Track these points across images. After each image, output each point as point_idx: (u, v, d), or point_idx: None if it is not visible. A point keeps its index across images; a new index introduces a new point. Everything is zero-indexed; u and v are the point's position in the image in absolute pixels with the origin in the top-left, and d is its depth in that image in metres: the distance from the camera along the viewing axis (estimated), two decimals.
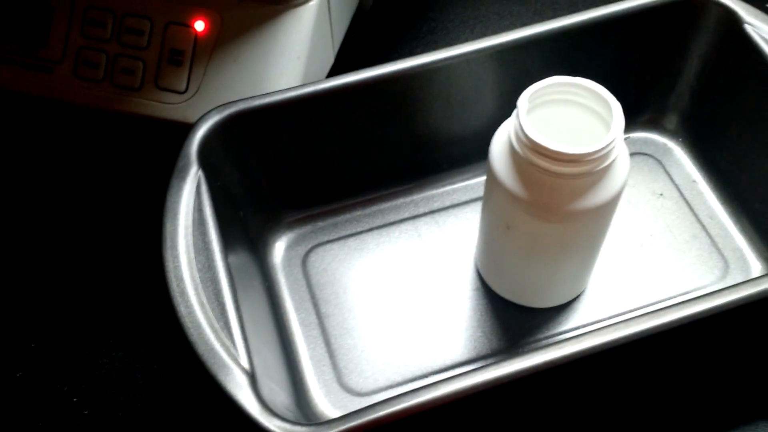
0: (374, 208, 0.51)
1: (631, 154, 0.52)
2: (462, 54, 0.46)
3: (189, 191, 0.40)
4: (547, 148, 0.36)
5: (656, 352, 0.44)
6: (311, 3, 0.49)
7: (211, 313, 0.36)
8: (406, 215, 0.51)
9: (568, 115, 0.39)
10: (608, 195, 0.38)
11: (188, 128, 0.48)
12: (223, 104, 0.44)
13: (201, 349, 0.35)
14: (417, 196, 0.51)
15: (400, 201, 0.51)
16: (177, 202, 0.39)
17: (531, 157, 0.37)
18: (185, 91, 0.49)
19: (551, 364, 0.35)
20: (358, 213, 0.51)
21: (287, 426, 0.33)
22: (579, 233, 0.41)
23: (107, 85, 0.50)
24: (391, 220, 0.50)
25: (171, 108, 0.50)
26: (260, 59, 0.49)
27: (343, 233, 0.50)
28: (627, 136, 0.53)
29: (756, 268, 0.48)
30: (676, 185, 0.52)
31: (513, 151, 0.38)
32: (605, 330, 0.36)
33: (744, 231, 0.49)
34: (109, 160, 0.55)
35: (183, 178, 0.40)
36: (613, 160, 0.37)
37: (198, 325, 0.36)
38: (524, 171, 0.38)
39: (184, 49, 0.49)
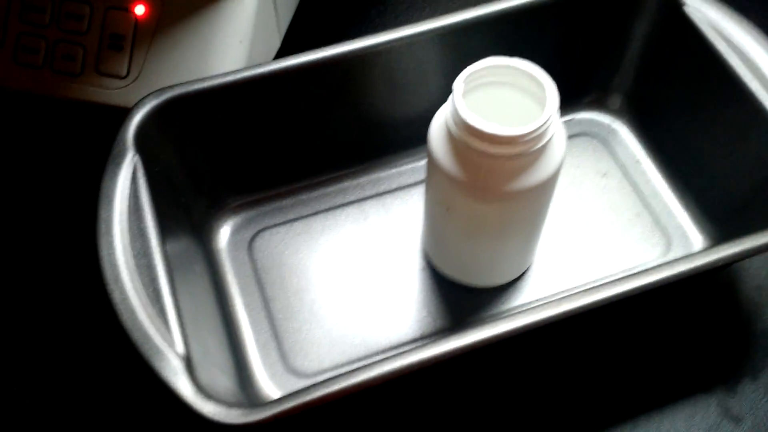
0: (320, 191, 0.51)
1: (576, 135, 0.53)
2: (404, 37, 0.46)
3: (124, 177, 0.39)
4: (482, 131, 0.36)
5: (595, 326, 0.45)
6: None
7: (146, 300, 0.36)
8: (353, 198, 0.50)
9: (504, 96, 0.39)
10: (545, 174, 0.38)
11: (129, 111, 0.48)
12: (160, 89, 0.43)
13: (135, 335, 0.35)
14: (363, 179, 0.51)
15: (346, 184, 0.51)
16: (112, 189, 0.39)
17: (467, 139, 0.37)
18: (126, 76, 0.49)
19: (488, 341, 0.35)
20: (304, 196, 0.50)
21: (222, 409, 0.33)
22: (518, 213, 0.41)
23: (48, 71, 0.50)
24: (338, 203, 0.50)
25: (112, 93, 0.49)
26: (202, 43, 0.48)
27: (290, 217, 0.50)
28: (571, 117, 0.54)
29: (698, 243, 0.48)
30: (620, 164, 0.52)
31: (450, 134, 0.38)
32: (541, 308, 0.36)
33: (687, 207, 0.49)
34: (52, 147, 0.54)
35: (118, 164, 0.40)
36: (549, 140, 0.37)
37: (132, 312, 0.35)
38: (461, 153, 0.38)
39: (124, 33, 0.49)
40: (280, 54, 0.54)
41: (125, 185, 0.39)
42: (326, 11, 0.60)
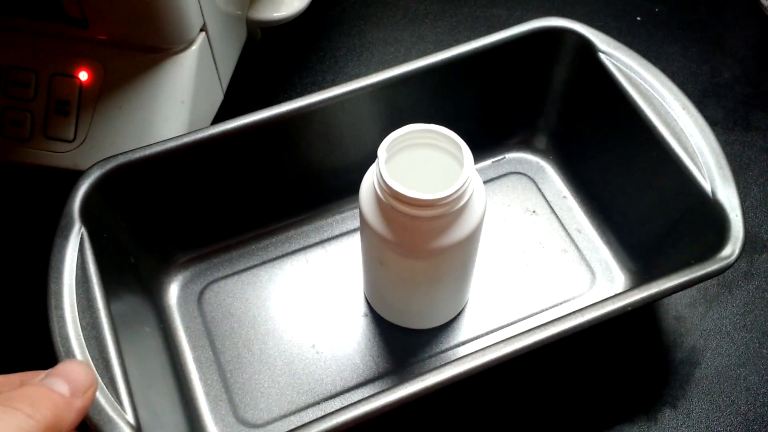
0: (266, 241, 0.53)
1: (507, 174, 0.56)
2: (336, 95, 0.48)
3: (72, 249, 0.42)
4: (404, 195, 0.38)
5: (518, 365, 0.47)
6: (192, 48, 0.51)
7: (96, 371, 0.38)
8: (297, 246, 0.53)
9: (427, 157, 0.42)
10: (468, 230, 0.41)
11: (79, 175, 0.50)
12: (103, 159, 0.45)
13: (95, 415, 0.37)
14: (307, 227, 0.54)
15: (291, 233, 0.53)
16: (60, 262, 0.41)
17: (392, 202, 0.39)
18: (74, 140, 0.51)
19: (426, 390, 0.38)
20: (251, 247, 0.53)
21: None
22: (446, 266, 0.44)
23: None
24: (283, 252, 0.53)
25: (61, 156, 0.51)
26: (144, 106, 0.50)
27: (237, 268, 0.52)
28: (502, 156, 0.57)
29: (619, 278, 0.51)
30: (547, 202, 0.55)
31: (377, 196, 0.41)
32: (469, 357, 0.39)
33: (609, 243, 0.53)
34: (3, 210, 0.56)
35: (66, 237, 0.42)
36: (469, 199, 0.40)
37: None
38: (388, 214, 0.41)
39: (69, 99, 0.51)
40: (224, 107, 0.56)
41: (73, 257, 0.41)
42: (267, 61, 0.63)
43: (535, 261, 0.52)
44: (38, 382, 0.32)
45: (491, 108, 0.54)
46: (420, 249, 0.41)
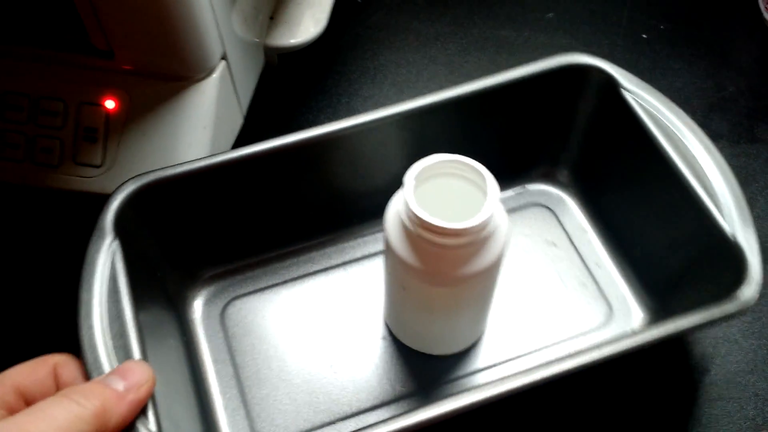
0: (290, 261, 0.55)
1: (528, 205, 0.57)
2: (362, 123, 0.50)
3: (104, 261, 0.43)
4: (432, 224, 0.39)
5: (541, 394, 0.47)
6: (213, 76, 0.53)
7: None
8: (319, 267, 0.54)
9: (453, 186, 0.43)
10: (491, 259, 0.42)
11: (107, 199, 0.52)
12: (136, 176, 0.47)
13: None
14: (330, 249, 0.55)
15: (314, 254, 0.55)
16: (92, 273, 0.43)
17: (419, 230, 0.40)
18: (101, 165, 0.53)
19: (443, 416, 0.39)
20: (274, 266, 0.54)
21: None
22: (468, 293, 0.45)
23: (28, 164, 0.54)
24: (305, 272, 0.54)
25: (89, 181, 0.53)
26: (168, 132, 0.52)
27: (260, 285, 0.54)
28: (524, 187, 0.58)
29: (637, 314, 0.52)
30: (567, 234, 0.56)
31: (403, 223, 0.42)
32: (490, 385, 0.40)
33: (627, 278, 0.53)
34: (36, 233, 0.58)
35: (98, 250, 0.44)
36: (493, 229, 0.41)
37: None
38: (414, 241, 0.42)
39: (97, 126, 0.53)
40: (244, 131, 0.59)
41: (105, 270, 0.43)
42: (284, 85, 0.65)
43: (553, 293, 0.53)
44: (97, 380, 0.37)
45: (515, 139, 0.56)
46: (443, 276, 0.42)
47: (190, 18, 0.48)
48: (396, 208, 0.43)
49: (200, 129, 0.53)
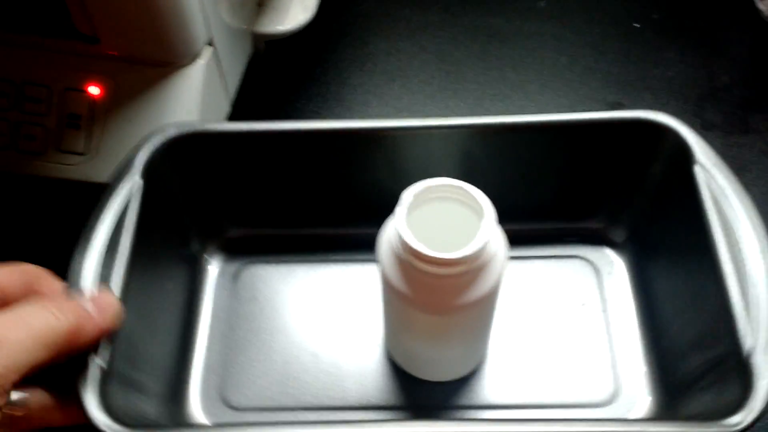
0: (313, 242, 0.54)
1: (572, 257, 0.53)
2: (409, 127, 0.48)
3: (123, 196, 0.44)
4: (423, 253, 0.38)
5: None
6: (199, 62, 0.52)
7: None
8: (339, 258, 0.54)
9: (449, 211, 0.41)
10: (487, 287, 0.40)
11: (92, 187, 0.51)
12: (180, 123, 0.48)
13: None
14: (354, 240, 0.53)
15: (339, 243, 0.54)
16: (107, 204, 0.44)
17: (410, 259, 0.39)
18: (85, 153, 0.52)
19: None
20: (298, 243, 0.54)
21: (116, 427, 0.37)
22: (464, 322, 0.43)
23: (12, 151, 0.53)
24: (324, 258, 0.54)
25: (73, 169, 0.53)
26: (153, 118, 0.52)
27: (280, 259, 0.53)
28: (575, 237, 0.54)
29: (643, 404, 0.48)
30: (603, 299, 0.52)
31: (396, 252, 0.40)
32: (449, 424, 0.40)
33: (647, 363, 0.49)
34: (18, 220, 0.57)
35: (121, 184, 0.45)
36: (489, 258, 0.40)
37: None
38: (406, 270, 0.40)
39: (81, 113, 0.52)
40: (231, 119, 0.58)
41: (121, 203, 0.44)
42: (272, 72, 0.64)
43: (566, 352, 0.50)
44: (72, 298, 0.38)
45: (574, 185, 0.52)
46: (439, 306, 0.41)
47: (175, 3, 0.48)
48: (387, 235, 0.42)
49: (185, 115, 0.52)
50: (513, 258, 0.50)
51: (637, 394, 0.48)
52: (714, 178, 0.45)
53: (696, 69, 0.64)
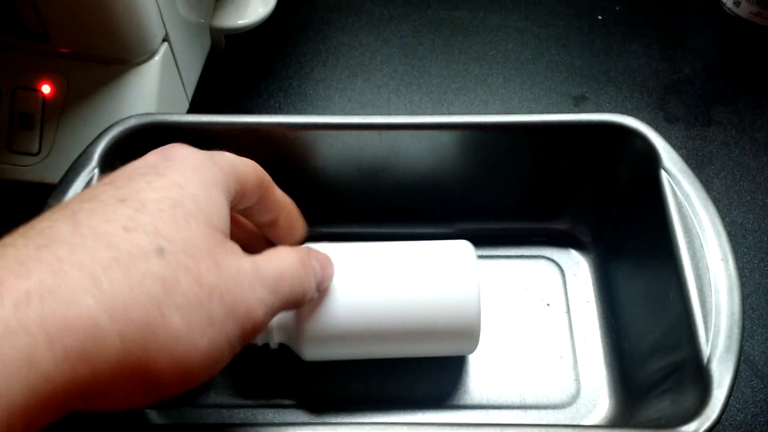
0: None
1: (538, 257, 0.53)
2: (374, 123, 0.48)
3: (76, 187, 0.43)
4: None
5: None
6: (155, 59, 0.51)
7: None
8: None
9: None
10: None
11: (46, 188, 0.50)
12: (143, 114, 0.47)
13: None
14: (315, 238, 0.49)
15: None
16: (63, 192, 0.43)
17: None
18: (38, 153, 0.51)
19: None
20: None
21: None
22: None
23: None
24: None
25: (26, 170, 0.51)
26: (108, 117, 0.50)
27: None
28: (542, 237, 0.54)
29: (603, 406, 0.48)
30: (567, 300, 0.51)
31: None
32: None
33: (608, 366, 0.49)
34: None
35: (77, 172, 0.44)
36: None
37: None
38: None
39: (33, 112, 0.51)
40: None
41: (76, 191, 0.43)
42: (232, 68, 0.63)
43: (527, 356, 0.49)
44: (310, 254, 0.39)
45: (541, 184, 0.52)
46: None
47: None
48: None
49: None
50: (480, 257, 0.51)
51: (598, 396, 0.48)
52: (680, 184, 0.45)
53: (659, 61, 0.64)
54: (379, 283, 0.44)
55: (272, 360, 0.48)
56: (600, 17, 0.67)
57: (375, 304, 0.43)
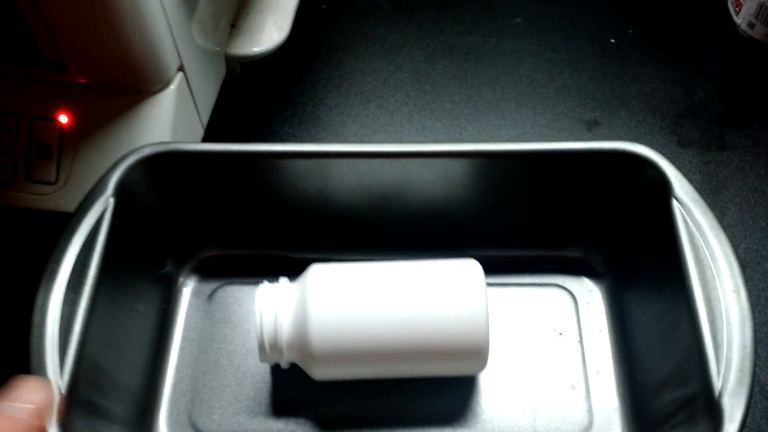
0: (289, 265, 0.50)
1: (551, 285, 0.53)
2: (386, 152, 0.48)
3: (93, 215, 0.44)
4: None
5: None
6: (170, 88, 0.52)
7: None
8: None
9: None
10: None
11: (63, 217, 0.51)
12: (158, 143, 0.48)
13: (34, 363, 0.39)
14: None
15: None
16: (79, 221, 0.44)
17: None
18: (56, 182, 0.52)
19: None
20: (273, 265, 0.52)
21: None
22: None
23: None
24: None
25: (43, 198, 0.52)
26: (124, 146, 0.51)
27: (255, 280, 0.49)
28: (554, 265, 0.53)
29: None
30: (579, 329, 0.51)
31: None
32: None
33: (621, 397, 0.48)
34: None
35: (92, 201, 0.45)
36: None
37: (41, 338, 0.40)
38: None
39: (50, 142, 0.51)
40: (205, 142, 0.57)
41: (91, 222, 0.44)
42: (247, 94, 0.64)
43: (539, 384, 0.49)
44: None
45: (553, 212, 0.52)
46: None
47: (143, 30, 0.47)
48: None
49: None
50: (492, 285, 0.50)
51: (611, 428, 0.47)
52: (691, 213, 0.44)
53: (673, 85, 0.64)
54: (387, 303, 0.44)
55: (283, 379, 0.49)
56: (613, 40, 0.67)
57: (383, 324, 0.44)
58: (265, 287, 0.46)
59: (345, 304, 0.45)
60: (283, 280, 0.47)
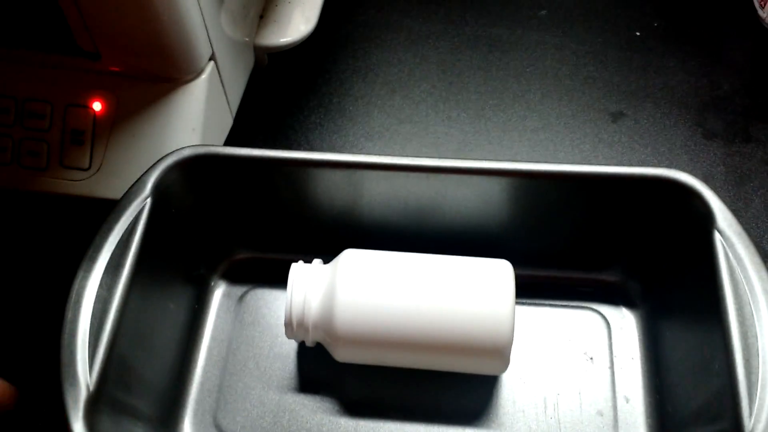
0: None
1: (584, 308, 0.52)
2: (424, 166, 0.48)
3: (129, 214, 0.45)
4: None
5: None
6: (202, 77, 0.52)
7: (88, 328, 0.41)
8: None
9: None
10: None
11: (96, 203, 0.52)
12: (198, 145, 0.49)
13: (64, 359, 0.40)
14: None
15: None
16: (116, 220, 0.45)
17: None
18: (89, 168, 0.52)
19: None
20: None
21: None
22: None
23: (15, 167, 0.53)
24: None
25: (77, 184, 0.53)
26: (157, 134, 0.52)
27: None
28: (590, 288, 0.53)
29: None
30: (611, 355, 0.50)
31: None
32: None
33: (649, 428, 0.47)
34: (22, 237, 0.57)
35: (130, 200, 0.45)
36: None
37: (73, 334, 0.40)
38: None
39: (84, 128, 0.52)
40: (234, 132, 0.58)
41: (127, 220, 0.45)
42: (275, 84, 0.64)
43: (565, 409, 0.48)
44: None
45: (590, 234, 0.51)
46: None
47: (177, 19, 0.48)
48: None
49: (189, 131, 0.52)
50: (524, 303, 0.51)
51: None
52: (733, 247, 0.43)
53: (697, 77, 0.65)
54: (414, 293, 0.45)
55: (308, 356, 0.50)
56: (638, 33, 0.67)
57: (408, 313, 0.45)
58: (299, 266, 0.47)
59: (373, 290, 0.45)
60: (317, 261, 0.48)
